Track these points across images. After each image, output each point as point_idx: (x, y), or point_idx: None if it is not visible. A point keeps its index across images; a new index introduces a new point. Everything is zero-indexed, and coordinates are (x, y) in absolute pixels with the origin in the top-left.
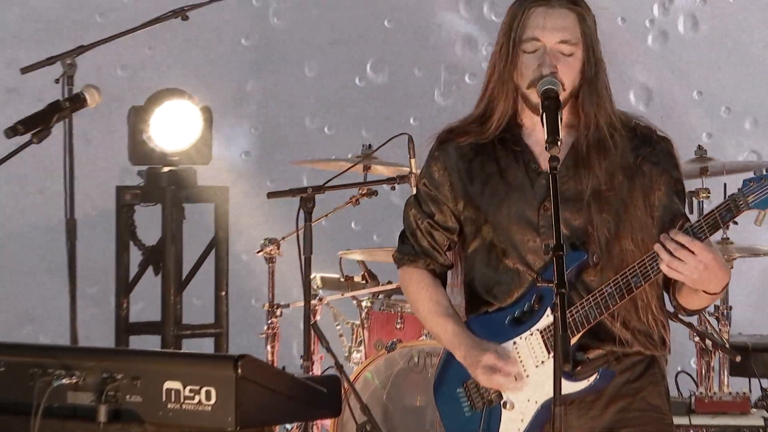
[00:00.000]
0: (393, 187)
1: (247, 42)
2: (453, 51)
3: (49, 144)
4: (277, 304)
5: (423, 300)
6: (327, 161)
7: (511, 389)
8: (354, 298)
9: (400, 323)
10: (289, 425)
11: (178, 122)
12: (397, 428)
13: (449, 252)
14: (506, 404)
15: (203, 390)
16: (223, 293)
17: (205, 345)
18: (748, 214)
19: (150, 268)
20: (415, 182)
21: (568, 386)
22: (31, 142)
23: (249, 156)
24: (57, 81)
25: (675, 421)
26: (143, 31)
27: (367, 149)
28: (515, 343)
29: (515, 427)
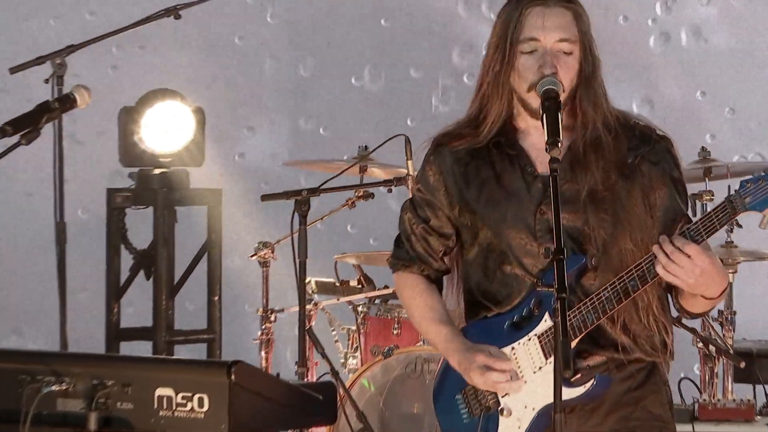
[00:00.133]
0: (390, 190)
1: (241, 42)
2: (451, 51)
3: (38, 145)
4: (271, 309)
5: (417, 306)
6: (322, 163)
7: (508, 389)
8: (350, 303)
9: (396, 329)
10: None
11: (170, 123)
12: None
13: (446, 257)
14: (503, 411)
15: (196, 397)
16: (216, 298)
17: (198, 351)
18: (750, 216)
19: (141, 272)
20: (412, 185)
21: (566, 392)
22: (20, 143)
23: (243, 158)
24: (46, 81)
25: (678, 428)
26: (135, 30)
27: (364, 151)
28: (513, 349)
29: None
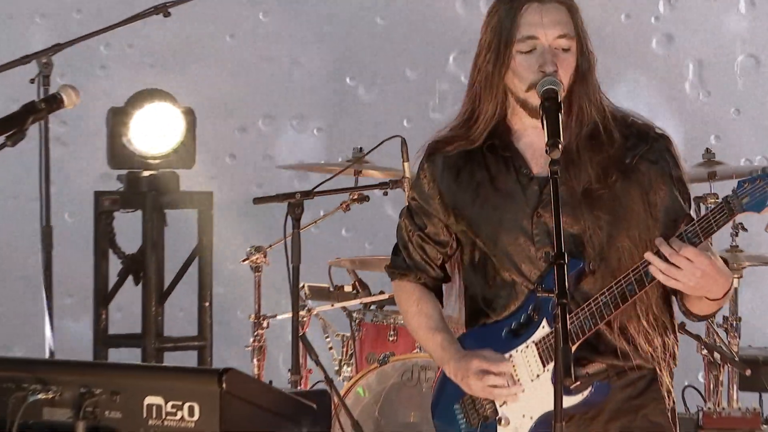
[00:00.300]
0: (385, 192)
1: (233, 40)
2: (449, 50)
3: (23, 147)
4: (263, 316)
5: (414, 314)
6: (316, 165)
7: (506, 396)
8: (344, 309)
9: (392, 335)
10: None
11: (159, 124)
12: None
13: (445, 265)
14: (501, 420)
15: (186, 406)
16: (207, 304)
17: (188, 358)
18: (755, 219)
19: (130, 277)
20: (409, 188)
21: (563, 401)
22: (5, 145)
23: (234, 160)
24: (32, 81)
25: None
26: (123, 28)
27: (359, 152)
28: (511, 356)
29: None
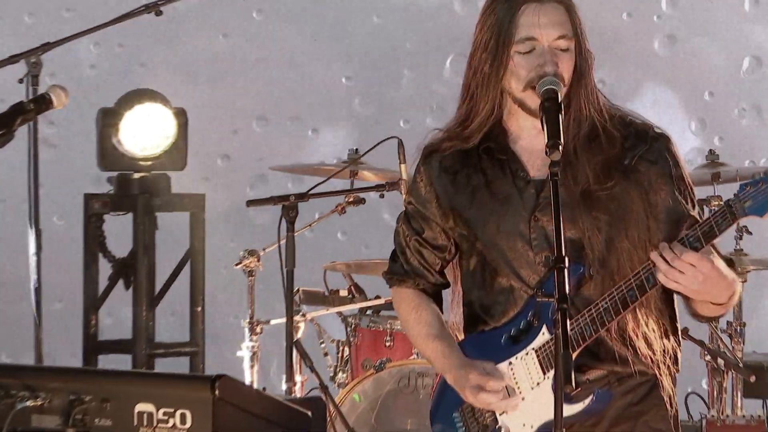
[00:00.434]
0: (382, 195)
1: (226, 39)
2: (447, 50)
3: (12, 148)
4: (257, 321)
5: (413, 321)
6: (311, 166)
7: (504, 407)
8: (340, 314)
9: (389, 341)
10: None
11: (150, 125)
12: None
13: (443, 271)
14: (501, 429)
15: (178, 413)
16: (199, 309)
17: (180, 365)
18: (760, 223)
19: (120, 281)
20: (406, 190)
21: (564, 409)
22: None
23: (227, 161)
24: (21, 81)
25: None
26: (114, 27)
27: (354, 154)
28: (511, 364)
29: None
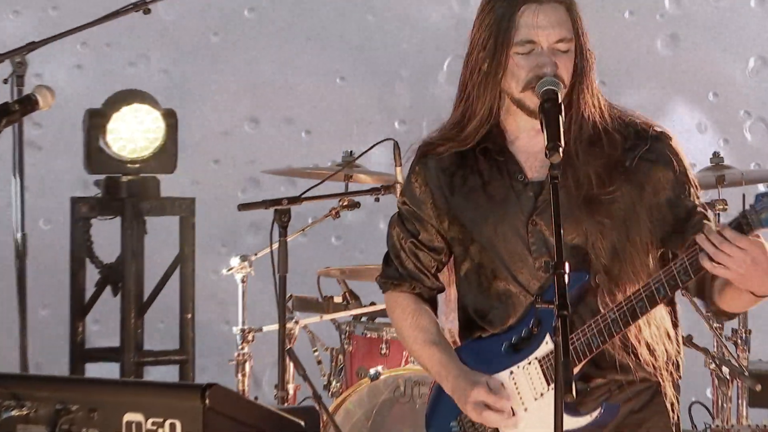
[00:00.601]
0: (377, 199)
1: (217, 38)
2: (443, 49)
3: None
4: (248, 328)
5: (408, 327)
6: (304, 169)
7: (505, 426)
8: (334, 321)
9: (384, 348)
10: None
11: (139, 127)
12: None
13: (439, 274)
14: None
15: (167, 423)
16: (189, 316)
17: (169, 373)
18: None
19: (108, 288)
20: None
21: (570, 422)
22: None
23: (218, 164)
24: (5, 81)
25: None
26: (101, 26)
27: (349, 156)
28: (512, 373)
29: None
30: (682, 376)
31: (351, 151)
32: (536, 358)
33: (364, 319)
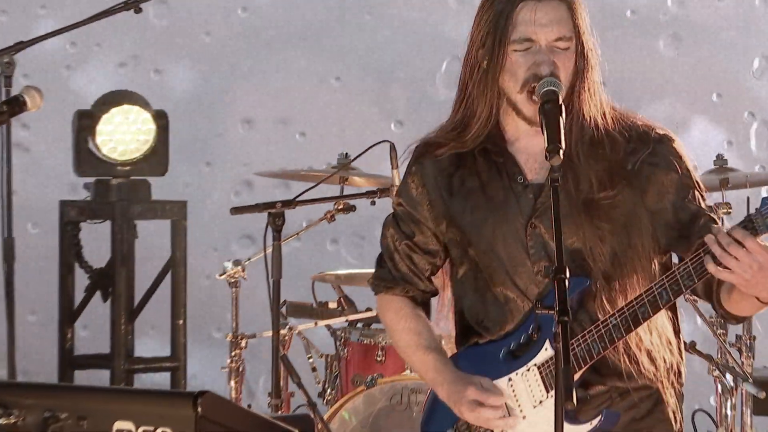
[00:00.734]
0: (373, 202)
1: (210, 38)
2: (442, 50)
3: None
4: (241, 334)
5: (402, 331)
6: (299, 172)
7: (503, 426)
8: (329, 328)
9: (380, 356)
10: None
11: (129, 129)
12: None
13: (432, 277)
14: None
15: (158, 431)
16: (181, 322)
17: (160, 380)
18: None
19: (98, 293)
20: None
21: (570, 430)
22: None
23: (210, 167)
24: None
25: None
26: (91, 26)
27: (344, 158)
28: (510, 380)
29: None
30: (684, 384)
31: (346, 154)
32: (535, 365)
33: (359, 325)
